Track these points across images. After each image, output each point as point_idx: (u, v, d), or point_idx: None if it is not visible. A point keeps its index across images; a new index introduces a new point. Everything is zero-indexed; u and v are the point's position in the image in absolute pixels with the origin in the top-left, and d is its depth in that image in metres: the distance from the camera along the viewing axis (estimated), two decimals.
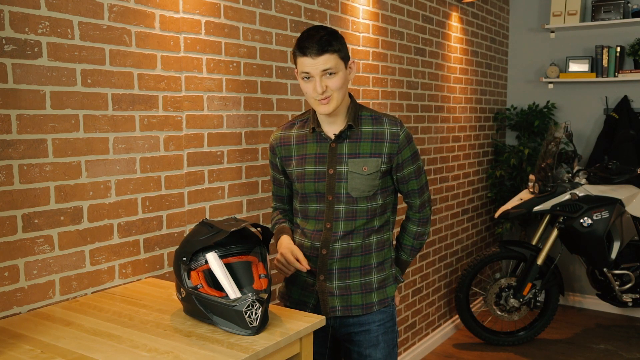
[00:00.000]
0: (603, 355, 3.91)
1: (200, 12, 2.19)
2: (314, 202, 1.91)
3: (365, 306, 1.94)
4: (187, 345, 1.44)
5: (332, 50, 1.75)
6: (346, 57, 1.81)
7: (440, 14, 3.92)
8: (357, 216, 1.88)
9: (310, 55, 1.74)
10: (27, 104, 1.65)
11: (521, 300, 3.94)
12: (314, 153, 1.90)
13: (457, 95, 4.23)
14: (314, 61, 1.75)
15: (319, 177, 1.88)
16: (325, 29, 1.79)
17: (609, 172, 3.96)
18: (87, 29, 1.80)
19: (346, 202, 1.87)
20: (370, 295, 1.94)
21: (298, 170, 1.92)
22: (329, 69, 1.76)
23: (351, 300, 1.93)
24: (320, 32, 1.77)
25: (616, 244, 3.88)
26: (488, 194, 4.81)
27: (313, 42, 1.74)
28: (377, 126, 1.88)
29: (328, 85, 1.77)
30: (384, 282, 1.97)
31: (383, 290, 1.97)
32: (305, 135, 1.93)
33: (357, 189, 1.85)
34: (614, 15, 4.52)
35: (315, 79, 1.77)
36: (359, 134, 1.87)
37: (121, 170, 1.94)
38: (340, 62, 1.78)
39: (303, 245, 1.95)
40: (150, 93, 2.02)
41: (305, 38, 1.77)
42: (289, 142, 1.95)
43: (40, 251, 1.71)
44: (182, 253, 1.58)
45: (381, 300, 1.96)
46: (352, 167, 1.85)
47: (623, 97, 4.57)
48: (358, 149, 1.86)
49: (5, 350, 1.41)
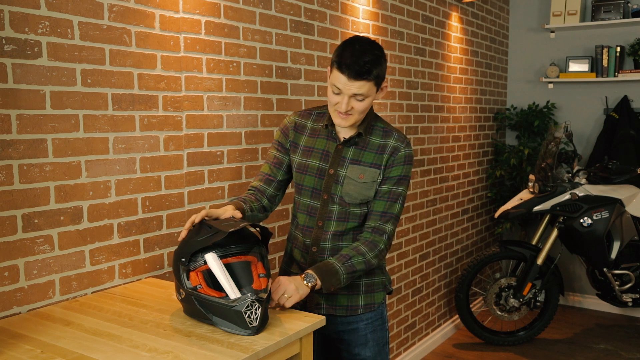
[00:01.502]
0: (603, 355, 3.91)
1: (200, 12, 2.19)
2: (308, 197, 1.91)
3: (349, 307, 1.94)
4: (187, 345, 1.44)
5: (370, 79, 1.71)
6: (381, 80, 1.78)
7: (440, 14, 3.92)
8: (349, 218, 1.88)
9: (347, 75, 1.70)
10: (27, 104, 1.65)
11: (521, 300, 3.94)
12: (321, 149, 1.89)
13: (457, 95, 4.23)
14: (348, 83, 1.71)
15: (320, 174, 1.88)
16: (372, 52, 1.72)
17: (609, 172, 3.96)
18: (87, 29, 1.80)
19: (339, 203, 1.86)
20: (357, 297, 1.94)
21: (302, 160, 1.91)
22: (360, 94, 1.73)
23: (336, 300, 1.93)
24: (365, 56, 1.70)
25: (616, 244, 3.88)
26: (488, 194, 4.81)
27: (354, 65, 1.69)
28: (385, 139, 1.87)
29: (354, 106, 1.76)
30: (372, 287, 1.96)
31: (371, 295, 1.96)
32: (319, 129, 1.92)
33: (350, 195, 1.85)
34: (614, 15, 4.51)
35: (344, 96, 1.74)
36: (366, 142, 1.87)
37: (121, 170, 1.94)
38: (374, 87, 1.76)
39: (297, 239, 1.96)
40: (150, 93, 2.02)
41: (349, 54, 1.70)
42: (302, 131, 1.94)
43: (40, 251, 1.71)
44: (181, 254, 1.57)
45: (367, 305, 1.96)
46: (350, 173, 1.85)
47: (623, 97, 4.57)
48: (361, 157, 1.86)
49: (5, 350, 1.41)
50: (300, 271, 1.91)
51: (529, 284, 3.90)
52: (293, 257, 2.00)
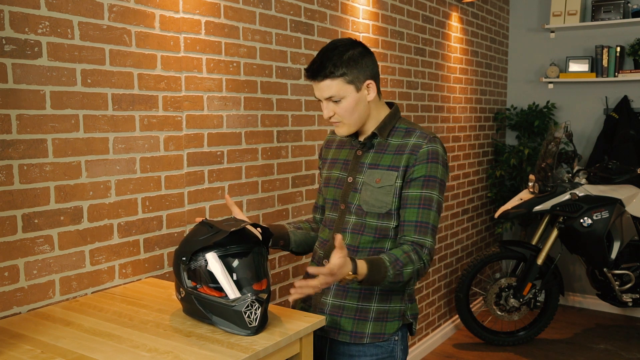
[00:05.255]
0: (603, 355, 3.91)
1: (200, 12, 2.19)
2: (329, 210, 1.82)
3: (354, 334, 1.72)
4: (187, 345, 1.44)
5: (333, 76, 1.60)
6: (357, 79, 1.63)
7: (440, 14, 3.92)
8: (364, 231, 1.72)
9: (310, 79, 1.64)
10: (27, 104, 1.65)
11: (521, 300, 3.94)
12: (343, 159, 1.81)
13: (457, 95, 4.23)
14: (315, 86, 1.64)
15: (339, 184, 1.78)
16: (342, 50, 1.61)
17: (609, 172, 3.96)
18: (87, 29, 1.80)
19: (356, 213, 1.73)
20: (364, 324, 1.72)
21: (327, 174, 1.84)
22: (331, 96, 1.63)
23: (340, 323, 1.73)
24: (328, 55, 1.60)
25: (616, 244, 3.88)
26: (488, 194, 4.81)
27: (312, 66, 1.62)
28: (405, 138, 1.71)
29: (335, 111, 1.66)
30: (385, 316, 1.72)
31: (381, 324, 1.71)
32: (346, 141, 1.83)
33: (367, 202, 1.70)
34: (614, 15, 4.52)
35: (322, 102, 1.67)
36: (386, 145, 1.73)
37: (121, 170, 1.94)
38: (348, 86, 1.62)
39: (315, 253, 1.85)
40: (150, 93, 2.02)
41: (313, 59, 1.64)
42: (331, 145, 1.89)
43: (40, 251, 1.71)
44: (182, 253, 1.58)
45: (375, 334, 1.72)
46: (367, 178, 1.71)
47: (623, 97, 4.57)
48: (379, 160, 1.72)
49: (5, 350, 1.41)
50: None
51: (529, 284, 3.91)
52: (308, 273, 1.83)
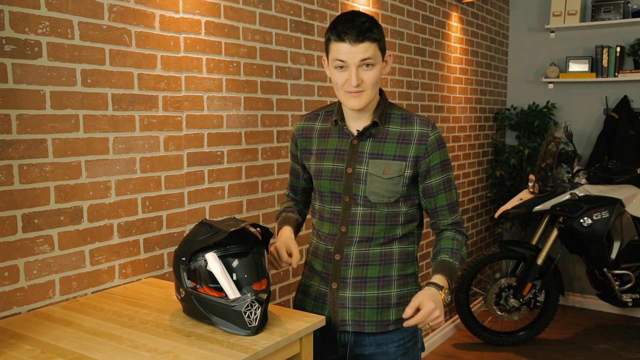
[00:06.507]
0: (603, 355, 3.91)
1: (200, 12, 2.19)
2: (329, 203, 1.75)
3: (380, 323, 1.73)
4: (187, 345, 1.44)
5: (373, 39, 1.58)
6: (384, 48, 1.65)
7: (440, 14, 3.92)
8: (375, 221, 1.69)
9: (348, 41, 1.56)
10: (27, 104, 1.65)
11: (521, 300, 3.94)
12: (333, 149, 1.73)
13: (457, 95, 4.23)
14: (352, 48, 1.56)
15: (336, 176, 1.72)
16: (366, 15, 1.61)
17: (609, 172, 3.96)
18: (87, 29, 1.80)
19: (364, 204, 1.69)
20: (388, 311, 1.73)
21: (316, 166, 1.76)
22: (367, 58, 1.58)
23: (364, 314, 1.72)
24: (360, 17, 1.58)
25: (616, 244, 3.88)
26: (488, 194, 4.81)
27: (353, 27, 1.56)
28: (406, 126, 1.69)
29: (363, 79, 1.60)
30: (405, 300, 1.73)
31: (403, 308, 1.67)
32: (329, 129, 1.76)
33: (376, 194, 1.67)
34: (614, 15, 4.52)
35: (351, 69, 1.59)
36: (385, 133, 1.69)
37: (121, 170, 1.94)
38: (379, 53, 1.62)
39: (318, 249, 1.79)
40: (150, 93, 2.02)
41: (342, 22, 1.58)
42: (310, 134, 1.80)
43: (40, 251, 1.71)
44: (182, 253, 1.58)
45: (399, 320, 1.71)
46: (372, 169, 1.67)
47: (623, 97, 4.57)
48: (381, 150, 1.68)
49: (5, 350, 1.41)
50: (323, 283, 1.77)
51: (529, 284, 3.90)
52: (314, 269, 1.81)
